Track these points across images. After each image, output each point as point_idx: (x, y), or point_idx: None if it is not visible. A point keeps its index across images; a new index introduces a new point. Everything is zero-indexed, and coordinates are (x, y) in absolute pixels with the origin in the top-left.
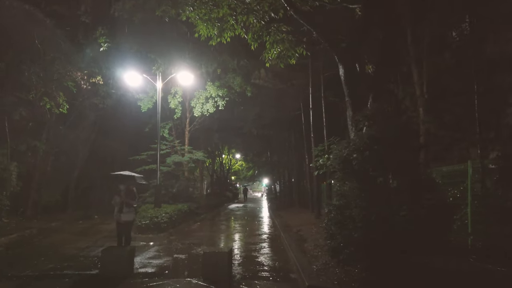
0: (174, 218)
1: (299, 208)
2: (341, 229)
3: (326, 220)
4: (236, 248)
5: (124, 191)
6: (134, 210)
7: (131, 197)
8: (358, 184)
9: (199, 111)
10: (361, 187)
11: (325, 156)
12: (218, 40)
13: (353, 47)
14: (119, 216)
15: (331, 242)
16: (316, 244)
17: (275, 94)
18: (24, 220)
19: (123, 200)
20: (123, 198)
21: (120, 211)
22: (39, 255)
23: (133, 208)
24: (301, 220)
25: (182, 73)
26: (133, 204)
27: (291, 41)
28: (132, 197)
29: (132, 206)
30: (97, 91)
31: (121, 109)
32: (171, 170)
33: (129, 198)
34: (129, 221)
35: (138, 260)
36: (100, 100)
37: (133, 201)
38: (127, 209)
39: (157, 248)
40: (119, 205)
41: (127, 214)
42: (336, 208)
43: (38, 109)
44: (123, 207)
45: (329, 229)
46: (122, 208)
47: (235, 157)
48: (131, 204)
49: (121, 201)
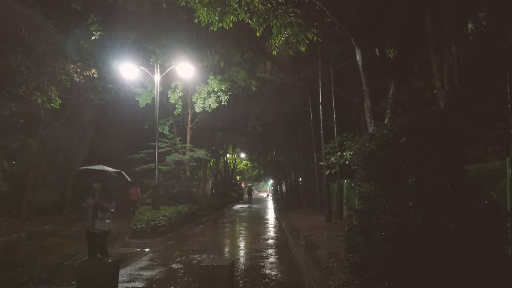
0: (173, 221)
1: (306, 209)
2: (367, 241)
3: (347, 228)
4: (239, 256)
5: (99, 191)
6: (111, 216)
7: (108, 199)
8: (387, 184)
9: (200, 107)
10: (391, 188)
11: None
12: (220, 26)
13: (373, 29)
14: (92, 224)
15: (354, 255)
16: (329, 252)
17: (281, 88)
18: (17, 221)
19: (97, 203)
20: (97, 200)
21: (94, 217)
22: (17, 265)
23: (110, 214)
24: (309, 223)
25: (182, 65)
26: (110, 209)
27: (301, 25)
28: (109, 199)
29: (108, 211)
30: (94, 87)
31: (119, 106)
32: (171, 169)
33: (105, 200)
34: (104, 232)
35: (127, 272)
36: (97, 95)
37: (110, 204)
38: (102, 214)
39: (152, 256)
40: (92, 209)
41: (103, 221)
42: (359, 213)
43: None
44: (98, 212)
45: (351, 240)
46: (96, 214)
47: (239, 157)
48: (107, 209)
49: (94, 204)
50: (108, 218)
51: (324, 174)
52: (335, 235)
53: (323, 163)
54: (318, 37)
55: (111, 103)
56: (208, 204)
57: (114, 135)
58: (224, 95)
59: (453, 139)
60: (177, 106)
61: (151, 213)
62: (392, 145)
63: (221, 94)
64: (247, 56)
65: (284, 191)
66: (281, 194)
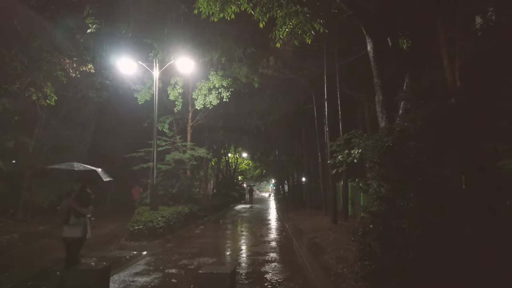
0: (172, 222)
1: (310, 210)
2: (386, 247)
3: (361, 232)
4: (241, 261)
5: (76, 193)
6: (87, 222)
7: (84, 203)
8: (410, 183)
9: (201, 103)
10: (414, 188)
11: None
12: (221, 16)
13: (384, 16)
14: (64, 230)
15: (370, 263)
16: (338, 256)
17: (284, 85)
18: (12, 222)
19: (70, 206)
20: (70, 203)
21: (66, 223)
22: (3, 270)
23: (85, 220)
24: (314, 224)
25: (181, 59)
26: (86, 214)
27: (307, 14)
28: (85, 202)
29: (83, 216)
30: (92, 84)
31: (118, 103)
32: (171, 168)
33: (80, 204)
34: (76, 239)
35: (120, 278)
36: (95, 93)
37: (86, 208)
38: (75, 220)
39: (148, 260)
40: (64, 213)
41: (74, 227)
42: (376, 216)
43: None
44: (70, 217)
45: (367, 246)
46: (68, 218)
47: (241, 156)
48: (82, 213)
49: (67, 208)
50: (82, 224)
51: (330, 173)
52: (342, 237)
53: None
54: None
55: (110, 100)
56: (209, 204)
57: (114, 134)
58: (225, 92)
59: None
60: (177, 103)
61: (149, 213)
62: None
63: (222, 91)
64: (249, 51)
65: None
66: (284, 194)
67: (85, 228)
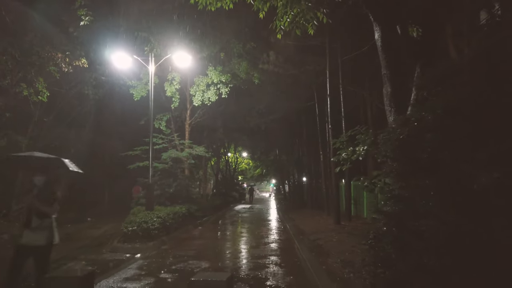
0: (168, 223)
1: (311, 210)
2: (403, 252)
3: (372, 235)
4: (240, 265)
5: (39, 188)
6: (53, 225)
7: (49, 201)
8: (430, 181)
9: (199, 100)
10: (435, 185)
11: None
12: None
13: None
14: (24, 236)
15: (385, 271)
16: (343, 260)
17: (285, 81)
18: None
19: (32, 206)
20: (31, 202)
21: (27, 226)
22: None
23: (50, 222)
24: (317, 225)
25: (178, 53)
26: (51, 214)
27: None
28: (49, 200)
29: (48, 217)
30: (86, 80)
31: (114, 101)
32: (168, 167)
33: (44, 202)
34: (41, 246)
35: (108, 284)
36: (90, 89)
37: (50, 208)
38: (38, 222)
39: (141, 263)
40: (25, 214)
41: (38, 233)
42: (390, 217)
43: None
44: (32, 219)
45: (380, 250)
46: (29, 221)
47: (241, 156)
48: (46, 214)
49: (28, 208)
50: (47, 228)
51: (334, 171)
52: (346, 238)
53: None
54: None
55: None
56: (208, 204)
57: (111, 132)
58: (224, 87)
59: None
60: (174, 99)
61: (144, 214)
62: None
63: (221, 86)
64: (249, 46)
65: (287, 191)
66: (284, 194)
67: (51, 233)
